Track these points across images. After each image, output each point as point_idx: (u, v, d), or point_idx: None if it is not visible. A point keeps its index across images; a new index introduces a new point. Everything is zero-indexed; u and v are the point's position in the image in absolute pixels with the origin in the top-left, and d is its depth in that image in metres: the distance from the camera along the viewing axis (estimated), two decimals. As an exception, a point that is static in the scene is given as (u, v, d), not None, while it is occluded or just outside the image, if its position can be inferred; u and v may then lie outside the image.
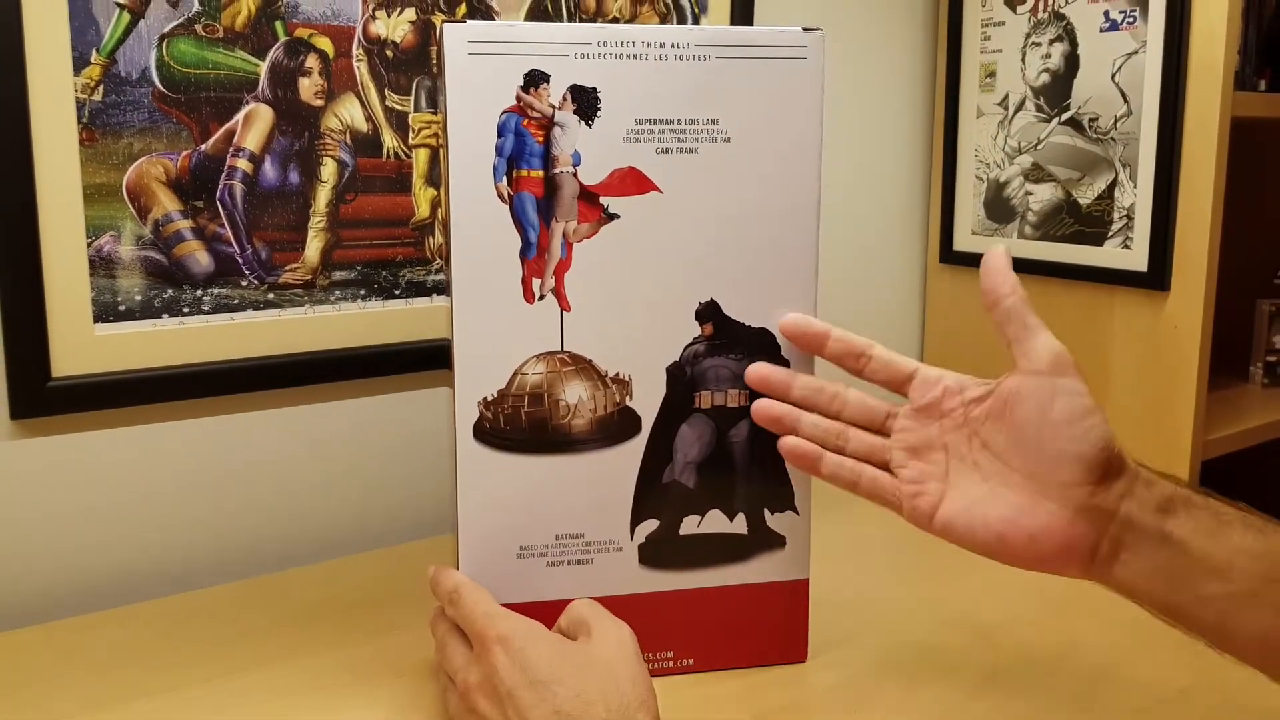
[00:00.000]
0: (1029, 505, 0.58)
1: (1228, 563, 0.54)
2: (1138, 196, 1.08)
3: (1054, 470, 0.58)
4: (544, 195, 0.63)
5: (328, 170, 0.89)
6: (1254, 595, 0.54)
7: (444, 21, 0.61)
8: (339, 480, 0.95)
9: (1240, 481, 1.32)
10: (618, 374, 0.66)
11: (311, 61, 0.87)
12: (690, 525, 0.68)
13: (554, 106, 0.62)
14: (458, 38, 0.60)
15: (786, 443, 0.66)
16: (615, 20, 1.01)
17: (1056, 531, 0.58)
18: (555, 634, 0.59)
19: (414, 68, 0.92)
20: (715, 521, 0.69)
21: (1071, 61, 1.12)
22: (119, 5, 0.79)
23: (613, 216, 0.64)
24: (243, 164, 0.85)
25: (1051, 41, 1.14)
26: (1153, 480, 0.58)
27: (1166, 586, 0.56)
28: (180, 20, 0.81)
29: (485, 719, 0.55)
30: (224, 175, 0.84)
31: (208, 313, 0.85)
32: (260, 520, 0.92)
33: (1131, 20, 1.07)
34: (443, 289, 0.96)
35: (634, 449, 0.67)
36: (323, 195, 0.89)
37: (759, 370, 0.66)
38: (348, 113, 0.89)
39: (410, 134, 0.93)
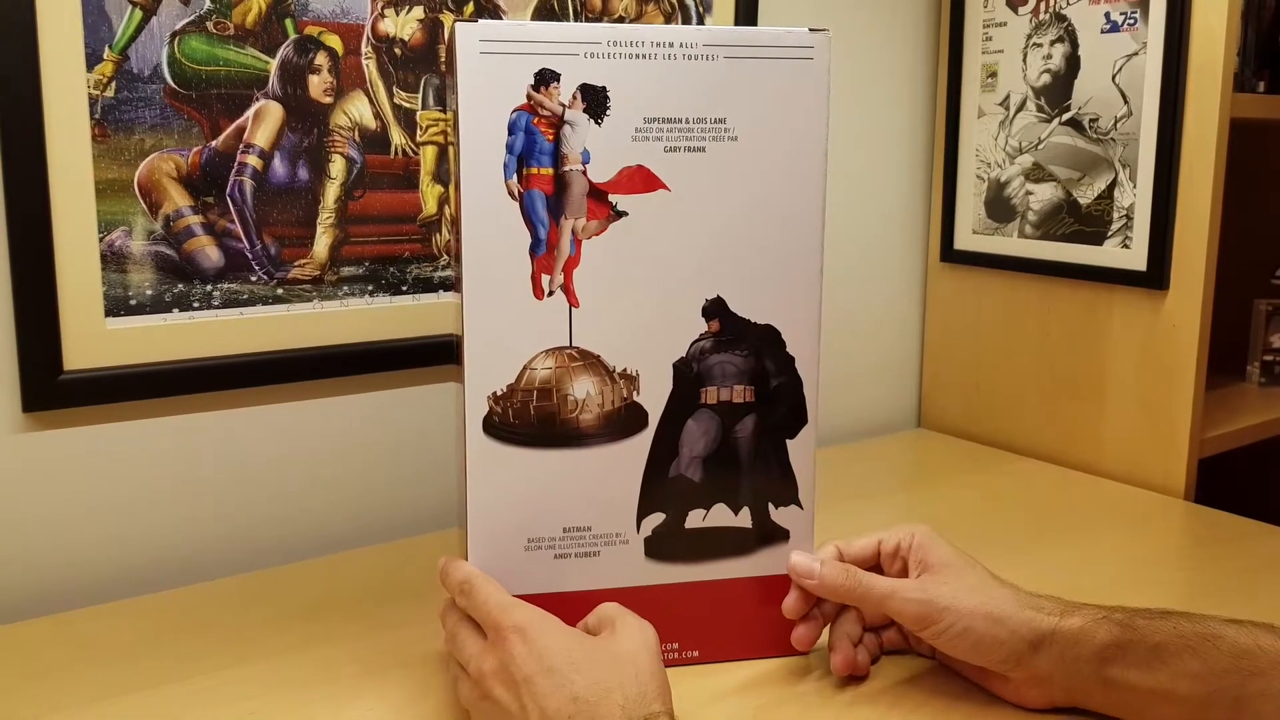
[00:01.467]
0: (983, 677, 0.67)
1: (1171, 689, 0.60)
2: (1137, 196, 1.09)
3: (979, 671, 0.67)
4: (554, 193, 0.64)
5: (336, 167, 0.90)
6: (1204, 708, 0.59)
7: (455, 21, 0.62)
8: (346, 474, 0.96)
9: (1236, 480, 1.34)
10: (625, 369, 0.67)
11: (321, 59, 0.88)
12: (695, 519, 0.69)
13: (564, 105, 0.63)
14: (469, 37, 0.61)
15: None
16: (621, 19, 1.02)
17: (1013, 693, 0.65)
18: (571, 626, 0.60)
19: (422, 66, 0.93)
20: (720, 515, 0.70)
21: (1072, 62, 1.13)
22: (131, 2, 0.80)
23: (621, 214, 0.65)
24: (252, 160, 0.86)
25: (1053, 42, 1.15)
26: (1082, 635, 0.62)
27: (1124, 712, 0.62)
28: (192, 17, 0.82)
29: (500, 705, 0.56)
30: (234, 171, 0.85)
31: (217, 307, 0.86)
32: (268, 513, 0.92)
33: (1132, 22, 1.08)
34: (449, 285, 0.97)
35: (640, 443, 0.67)
36: (331, 192, 0.90)
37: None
38: (356, 110, 0.90)
39: (418, 131, 0.93)
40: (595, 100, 0.63)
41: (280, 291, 0.89)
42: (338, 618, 0.78)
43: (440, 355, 0.97)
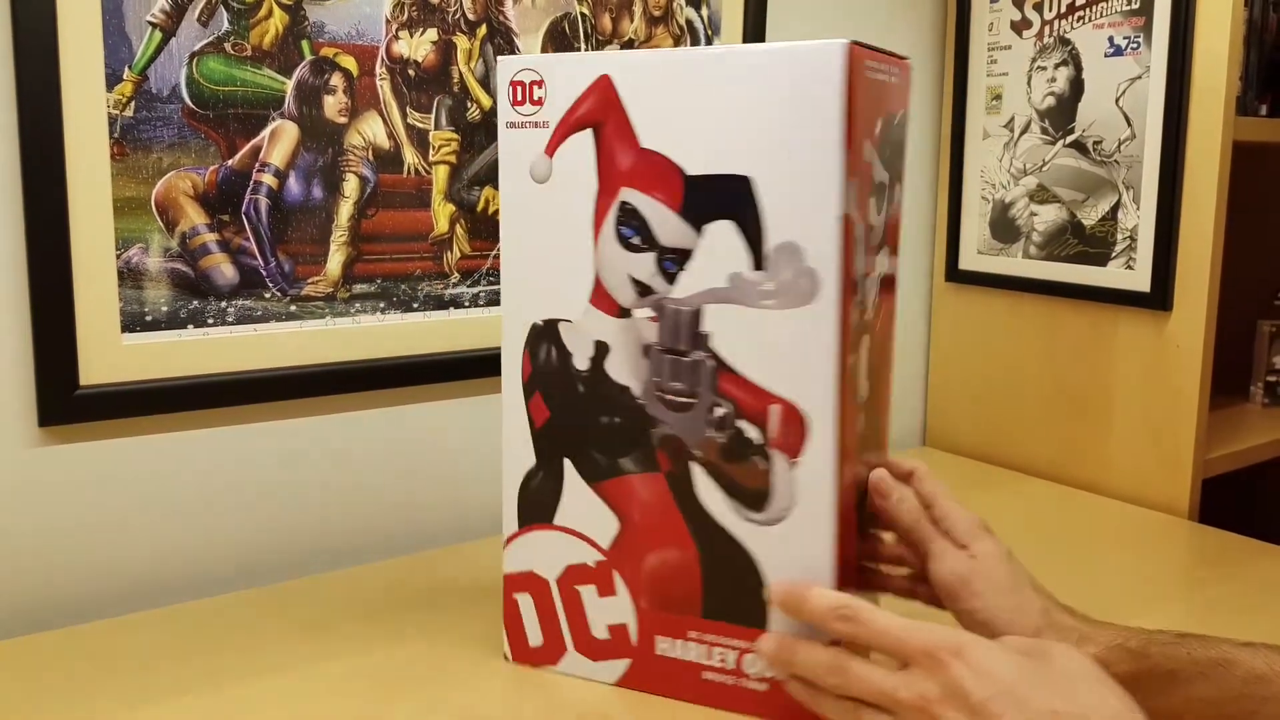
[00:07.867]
0: None
1: (1183, 714, 0.59)
2: (1141, 218, 1.10)
3: None
4: None
5: (350, 186, 0.91)
6: None
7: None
8: (359, 488, 0.97)
9: (1240, 499, 1.34)
10: None
11: (336, 80, 0.89)
12: None
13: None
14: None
15: None
16: (630, 41, 1.03)
17: None
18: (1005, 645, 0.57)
19: (435, 86, 0.94)
20: None
21: (1076, 85, 1.15)
22: (151, 24, 0.81)
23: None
24: (268, 179, 0.87)
25: (1057, 66, 1.16)
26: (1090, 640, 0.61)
27: None
28: (210, 39, 0.83)
29: None
30: (249, 190, 0.86)
31: (232, 324, 0.87)
32: (281, 527, 0.93)
33: (1135, 46, 1.09)
34: (459, 302, 0.98)
35: None
36: (345, 210, 0.91)
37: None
38: (370, 130, 0.91)
39: (430, 151, 0.95)
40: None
41: (294, 308, 0.90)
42: (352, 631, 0.79)
43: (450, 371, 0.98)
